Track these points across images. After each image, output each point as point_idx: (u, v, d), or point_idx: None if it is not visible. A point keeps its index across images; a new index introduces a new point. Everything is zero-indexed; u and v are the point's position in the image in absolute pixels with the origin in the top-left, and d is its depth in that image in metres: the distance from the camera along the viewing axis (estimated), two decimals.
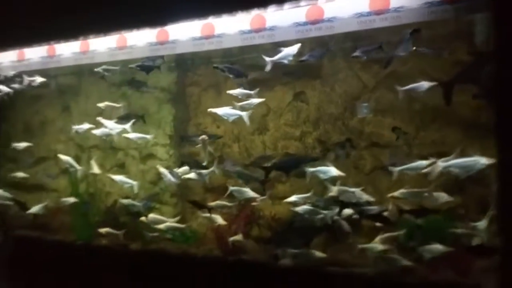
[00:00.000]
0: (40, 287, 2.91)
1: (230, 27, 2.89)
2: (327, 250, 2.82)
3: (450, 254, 2.46)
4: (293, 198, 2.86)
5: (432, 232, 2.61)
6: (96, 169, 3.60)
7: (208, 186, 3.34)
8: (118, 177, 3.48)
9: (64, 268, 3.09)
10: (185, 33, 3.03)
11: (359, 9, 2.56)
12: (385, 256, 2.60)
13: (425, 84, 2.67)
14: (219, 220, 3.11)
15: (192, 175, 3.17)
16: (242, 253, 2.96)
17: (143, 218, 3.30)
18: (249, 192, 3.03)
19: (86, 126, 3.56)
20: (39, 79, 3.77)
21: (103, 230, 3.40)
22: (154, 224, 3.23)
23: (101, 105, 3.61)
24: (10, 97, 3.97)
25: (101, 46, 3.36)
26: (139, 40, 3.21)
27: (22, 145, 3.90)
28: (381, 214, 2.68)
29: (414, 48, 2.64)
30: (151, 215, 3.31)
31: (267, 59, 2.91)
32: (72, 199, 3.58)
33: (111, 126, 3.45)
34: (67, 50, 3.49)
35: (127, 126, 3.41)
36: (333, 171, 2.80)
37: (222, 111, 3.10)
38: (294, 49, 2.88)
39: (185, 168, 3.24)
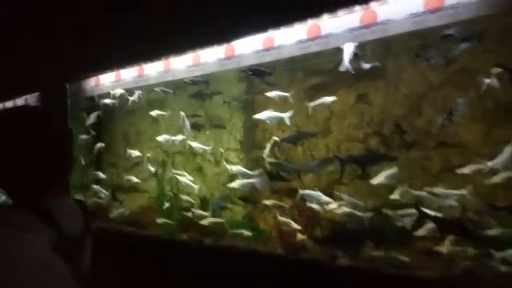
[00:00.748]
0: (129, 276, 3.42)
1: (288, 38, 3.06)
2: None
3: None
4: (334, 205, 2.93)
5: None
6: (193, 185, 3.94)
7: (275, 188, 3.53)
8: (182, 178, 3.88)
9: (149, 259, 3.55)
10: (248, 47, 3.27)
11: (413, 9, 2.54)
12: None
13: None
14: (293, 224, 3.18)
15: (236, 184, 3.40)
16: (302, 252, 3.08)
17: (189, 214, 3.68)
18: (322, 197, 3.03)
19: (180, 137, 4.02)
20: (137, 93, 4.35)
21: (159, 220, 3.86)
22: (199, 219, 3.55)
23: (152, 113, 4.12)
24: (110, 112, 4.66)
25: (180, 64, 3.78)
26: (211, 57, 3.54)
27: (136, 153, 4.47)
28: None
29: None
30: (197, 211, 3.67)
31: (344, 68, 2.94)
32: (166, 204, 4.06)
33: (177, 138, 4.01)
34: (153, 70, 4.01)
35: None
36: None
37: (264, 115, 3.27)
38: (350, 49, 2.91)
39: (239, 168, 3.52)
